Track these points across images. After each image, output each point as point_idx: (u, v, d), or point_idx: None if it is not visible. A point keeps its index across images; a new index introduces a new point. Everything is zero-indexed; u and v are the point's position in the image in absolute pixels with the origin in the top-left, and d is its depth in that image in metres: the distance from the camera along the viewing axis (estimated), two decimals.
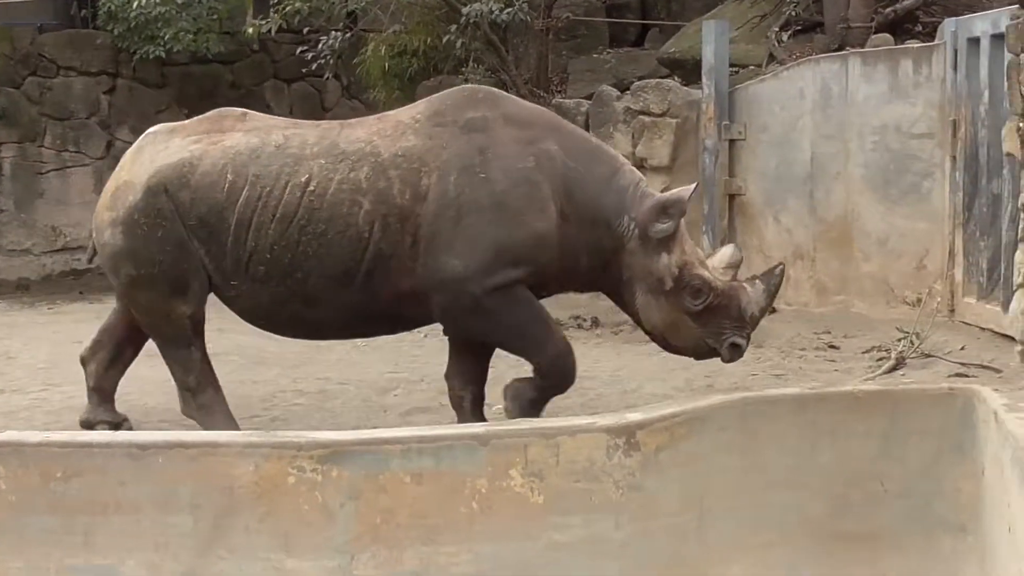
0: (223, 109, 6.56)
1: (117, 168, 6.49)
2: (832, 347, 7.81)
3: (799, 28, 10.55)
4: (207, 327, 8.89)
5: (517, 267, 5.85)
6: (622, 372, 7.41)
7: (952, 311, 7.85)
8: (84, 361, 6.82)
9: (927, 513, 5.51)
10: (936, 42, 8.27)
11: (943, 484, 5.49)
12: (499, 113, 6.05)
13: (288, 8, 10.93)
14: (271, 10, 11.23)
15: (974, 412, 5.47)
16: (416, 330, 9.41)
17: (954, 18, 8.28)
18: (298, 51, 11.93)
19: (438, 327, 6.33)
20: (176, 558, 4.86)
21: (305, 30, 12.60)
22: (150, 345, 8.95)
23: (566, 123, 6.50)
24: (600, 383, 7.16)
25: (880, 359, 7.18)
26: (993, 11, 7.92)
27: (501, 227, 5.82)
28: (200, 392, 6.45)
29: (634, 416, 5.40)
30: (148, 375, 7.87)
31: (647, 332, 6.21)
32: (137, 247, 6.11)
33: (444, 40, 11.39)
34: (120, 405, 6.90)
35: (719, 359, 6.12)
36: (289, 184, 5.93)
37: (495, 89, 6.86)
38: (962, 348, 7.11)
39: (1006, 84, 6.44)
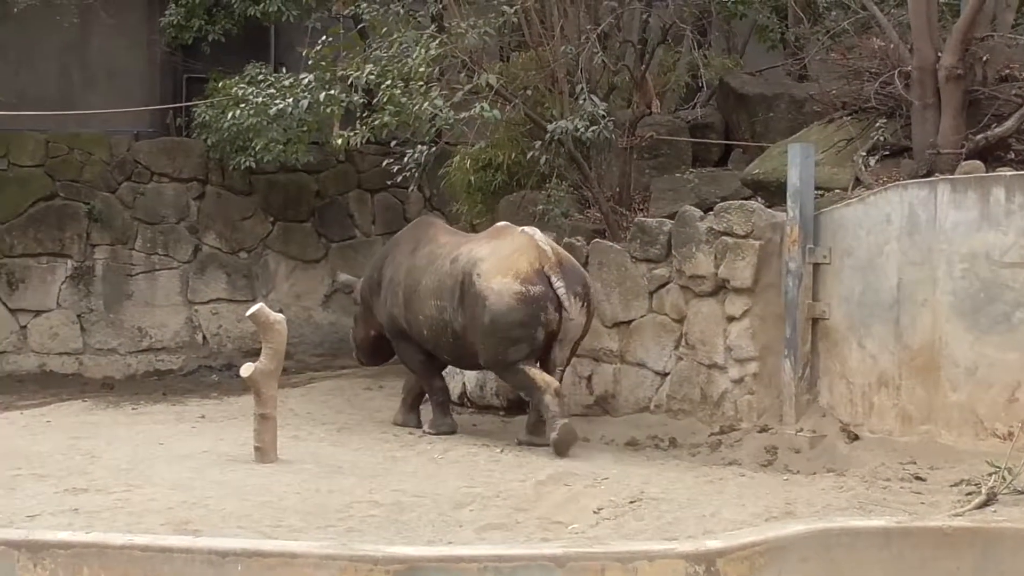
0: None
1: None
2: (918, 478, 7.63)
3: (886, 153, 10.46)
4: (282, 434, 8.99)
5: None
6: (699, 495, 7.28)
7: None
8: None
9: None
10: None
11: None
12: None
13: (376, 122, 11.11)
14: (359, 122, 11.40)
15: None
16: (493, 446, 9.45)
17: None
18: (383, 163, 12.09)
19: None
20: None
21: (392, 142, 12.80)
22: (230, 449, 9.05)
23: None
24: (676, 506, 7.03)
25: (969, 493, 6.98)
26: None
27: None
28: None
29: (714, 543, 5.34)
30: (226, 479, 7.90)
31: None
32: None
33: (528, 156, 11.49)
34: (198, 509, 6.91)
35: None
36: None
37: None
38: None
39: None
